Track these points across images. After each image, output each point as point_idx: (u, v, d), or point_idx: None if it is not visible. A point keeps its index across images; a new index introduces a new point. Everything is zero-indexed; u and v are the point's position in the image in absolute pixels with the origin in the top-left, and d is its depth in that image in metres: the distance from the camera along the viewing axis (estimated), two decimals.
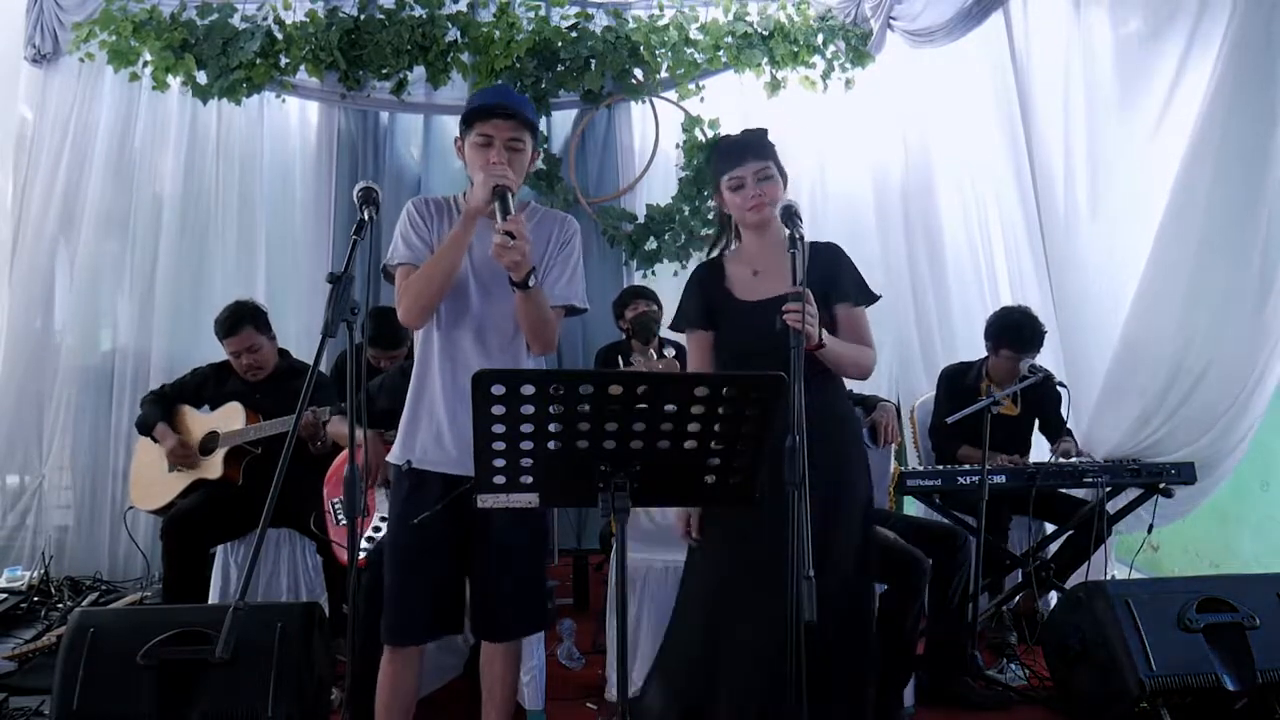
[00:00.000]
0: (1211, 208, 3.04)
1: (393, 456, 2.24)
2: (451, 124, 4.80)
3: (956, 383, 3.62)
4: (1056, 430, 3.66)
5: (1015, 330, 3.47)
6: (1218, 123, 2.97)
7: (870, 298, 2.38)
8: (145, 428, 3.43)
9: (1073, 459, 3.38)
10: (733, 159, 2.27)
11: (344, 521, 2.41)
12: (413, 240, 2.21)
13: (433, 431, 2.18)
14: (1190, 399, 3.25)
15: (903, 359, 4.53)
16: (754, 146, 2.28)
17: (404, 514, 2.18)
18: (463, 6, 4.52)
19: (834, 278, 2.32)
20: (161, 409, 3.44)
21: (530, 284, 2.06)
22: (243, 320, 3.35)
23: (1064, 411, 3.49)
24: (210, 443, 3.36)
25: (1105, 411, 3.43)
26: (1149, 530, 3.38)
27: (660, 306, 4.00)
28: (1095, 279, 3.61)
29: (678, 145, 4.66)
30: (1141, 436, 3.35)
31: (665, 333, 4.20)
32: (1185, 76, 3.13)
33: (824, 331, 2.14)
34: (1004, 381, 3.47)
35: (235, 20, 4.38)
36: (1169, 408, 3.29)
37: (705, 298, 2.37)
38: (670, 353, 3.74)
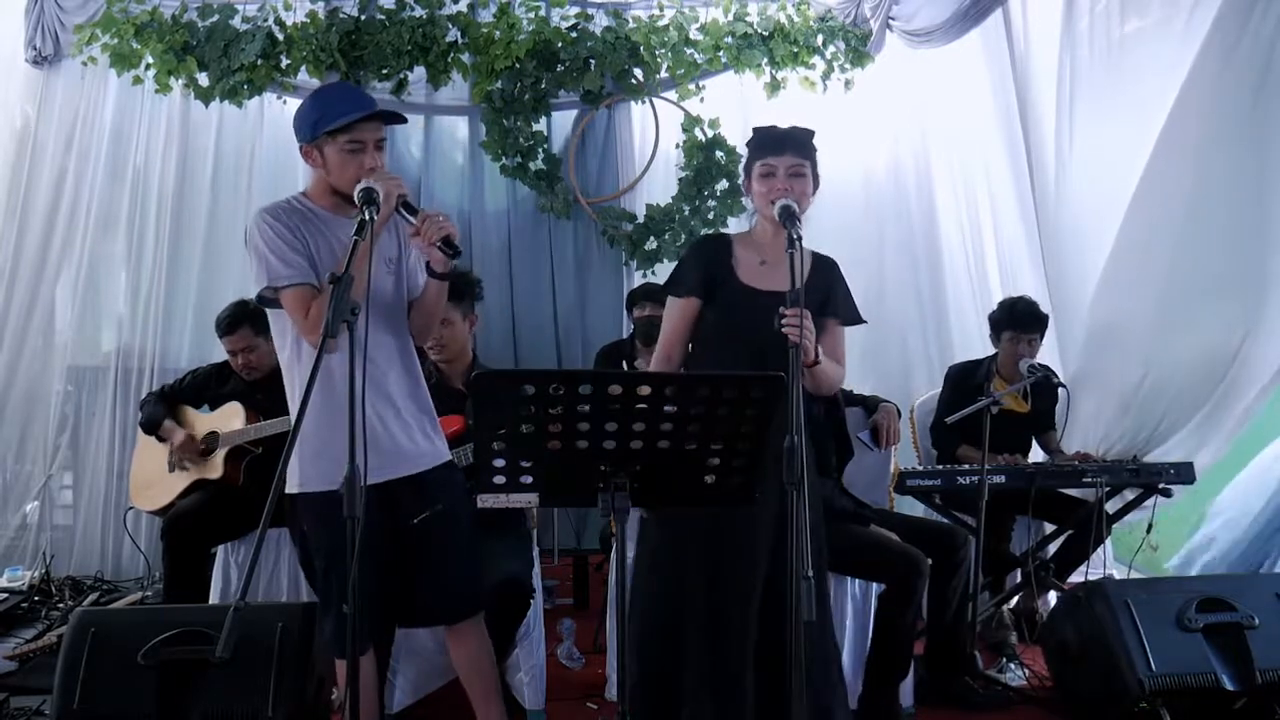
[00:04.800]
0: (1180, 192, 3.09)
1: (314, 483, 2.14)
2: (453, 124, 4.82)
3: (964, 381, 3.62)
4: (1044, 426, 3.67)
5: (1014, 312, 3.52)
6: (1202, 100, 3.01)
7: (857, 319, 2.42)
8: (151, 426, 3.43)
9: (1072, 460, 3.38)
10: (770, 148, 2.26)
11: None
12: (292, 257, 2.11)
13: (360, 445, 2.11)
14: (1166, 391, 3.30)
15: (902, 360, 4.53)
16: (795, 141, 2.27)
17: (339, 537, 1.96)
18: (463, 7, 4.52)
19: (831, 290, 2.36)
20: (165, 408, 3.45)
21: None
22: (241, 320, 3.35)
23: (1065, 411, 3.49)
24: (210, 443, 3.36)
25: (1082, 403, 3.46)
26: (1148, 530, 3.38)
27: None
28: (1093, 280, 3.62)
29: (678, 145, 4.66)
30: (1119, 429, 3.40)
31: None
32: (1181, 74, 3.14)
33: (819, 349, 2.15)
34: (1012, 377, 3.48)
35: (236, 22, 4.38)
36: (1141, 399, 3.34)
37: (707, 269, 2.36)
38: None
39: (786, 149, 2.24)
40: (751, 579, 2.17)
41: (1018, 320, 3.50)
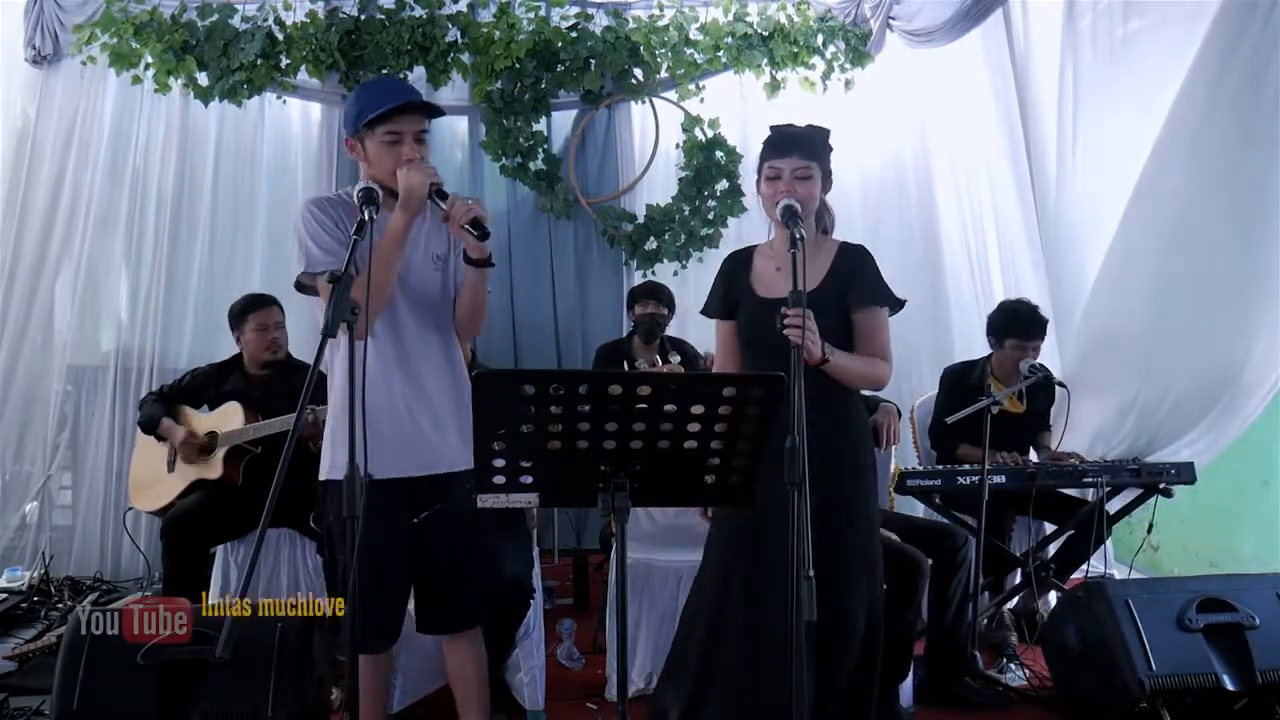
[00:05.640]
0: (1181, 192, 3.08)
1: (338, 471, 2.10)
2: (453, 124, 4.81)
3: (960, 382, 3.61)
4: (1040, 427, 3.66)
5: (1018, 318, 3.48)
6: (1198, 103, 3.00)
7: (890, 300, 2.34)
8: (150, 425, 3.43)
9: (1070, 460, 3.38)
10: (777, 150, 2.25)
11: None
12: (330, 245, 2.15)
13: (386, 438, 2.12)
14: (1165, 399, 3.30)
15: (902, 360, 4.51)
16: (802, 143, 2.25)
17: (366, 526, 2.00)
18: (463, 7, 4.51)
19: (855, 279, 2.31)
20: (163, 408, 3.45)
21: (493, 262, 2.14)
22: (271, 300, 3.49)
23: (1065, 411, 3.49)
24: (210, 443, 3.36)
25: (1079, 407, 3.46)
26: (1149, 530, 3.38)
27: (671, 309, 4.01)
28: (1093, 280, 3.62)
29: (678, 145, 4.66)
30: (1117, 436, 3.40)
31: (677, 332, 4.22)
32: (1184, 73, 3.14)
33: (827, 346, 2.14)
34: (1008, 378, 3.47)
35: (235, 21, 4.38)
36: (1139, 406, 3.34)
37: (727, 287, 2.40)
38: (675, 359, 3.74)
39: (792, 151, 2.23)
40: (786, 579, 2.16)
41: (1020, 327, 3.45)
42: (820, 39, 4.54)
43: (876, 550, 2.32)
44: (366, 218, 1.94)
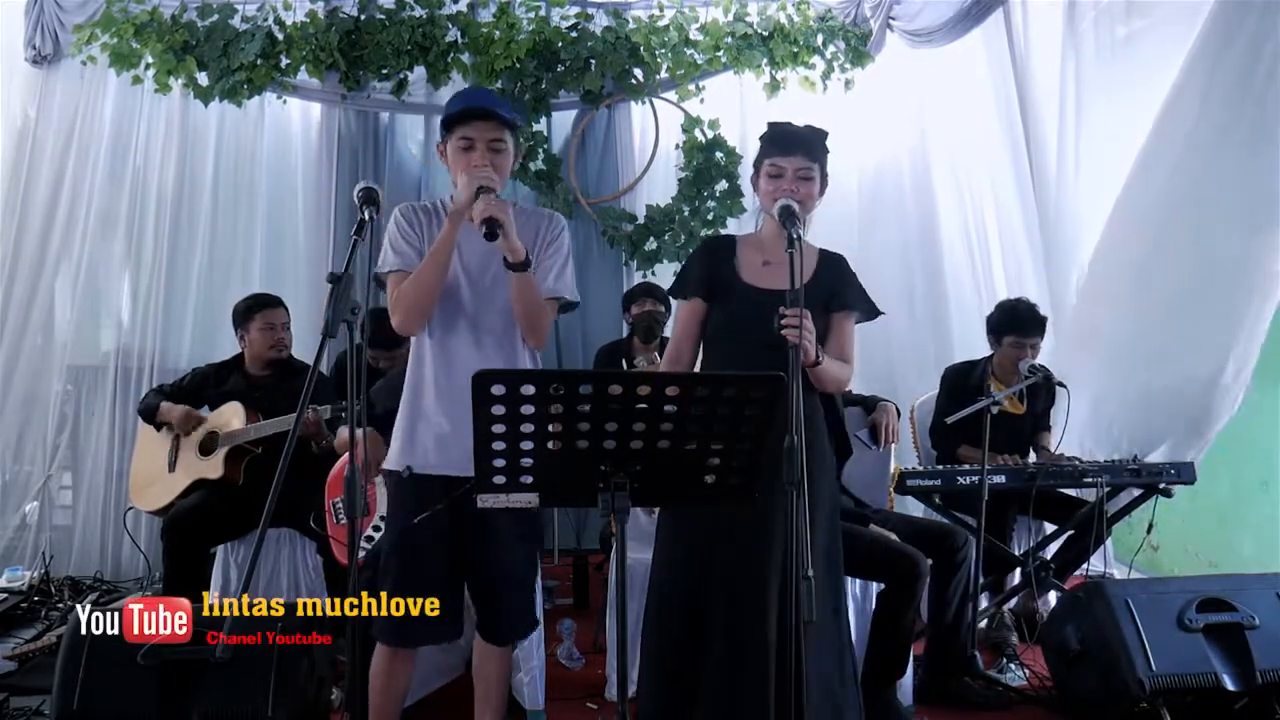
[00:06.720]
0: (1170, 190, 3.08)
1: (391, 463, 2.24)
2: None
3: (960, 382, 3.61)
4: (1040, 427, 3.65)
5: (1015, 315, 3.49)
6: (1191, 102, 3.00)
7: (869, 311, 2.38)
8: (149, 413, 3.45)
9: (1068, 459, 3.38)
10: (781, 147, 2.26)
11: (344, 520, 2.40)
12: (402, 247, 2.21)
13: (433, 435, 2.19)
14: (1156, 397, 3.30)
15: (902, 360, 4.52)
16: (806, 143, 2.26)
17: (407, 520, 2.18)
18: (463, 7, 4.52)
19: (841, 284, 2.34)
20: (164, 398, 3.47)
21: (530, 265, 2.14)
22: (277, 299, 3.52)
23: (1065, 411, 3.49)
24: (210, 443, 3.36)
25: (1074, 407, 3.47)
26: (1149, 530, 3.38)
27: (667, 307, 4.01)
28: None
29: (678, 145, 4.66)
30: (1111, 437, 3.40)
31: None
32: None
33: (820, 349, 2.14)
34: (1009, 378, 3.47)
35: (235, 21, 4.39)
36: (1129, 398, 3.34)
37: (710, 270, 2.37)
38: None
39: (796, 150, 2.24)
40: (766, 576, 2.15)
41: (1018, 324, 3.46)
42: (820, 39, 4.54)
43: (837, 544, 2.30)
44: (366, 218, 1.94)
